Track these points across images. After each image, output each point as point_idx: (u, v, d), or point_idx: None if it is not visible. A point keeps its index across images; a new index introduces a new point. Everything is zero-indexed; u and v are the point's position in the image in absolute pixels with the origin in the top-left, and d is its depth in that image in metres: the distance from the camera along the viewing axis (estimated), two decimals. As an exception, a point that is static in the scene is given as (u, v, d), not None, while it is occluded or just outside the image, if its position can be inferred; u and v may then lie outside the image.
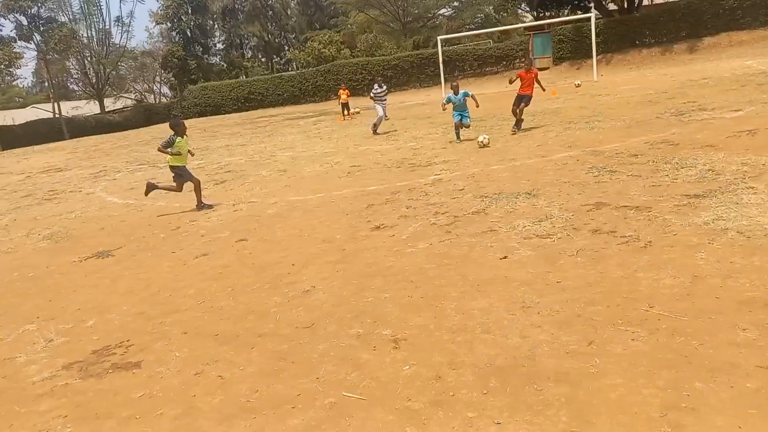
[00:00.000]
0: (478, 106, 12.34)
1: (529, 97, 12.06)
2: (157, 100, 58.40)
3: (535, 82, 12.07)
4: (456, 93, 11.88)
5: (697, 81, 17.22)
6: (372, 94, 16.57)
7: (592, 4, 33.05)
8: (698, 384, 2.79)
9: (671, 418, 2.57)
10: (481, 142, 10.72)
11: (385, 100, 16.38)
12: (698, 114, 10.93)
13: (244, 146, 17.80)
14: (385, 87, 16.87)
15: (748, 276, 3.83)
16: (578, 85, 22.34)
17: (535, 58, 32.85)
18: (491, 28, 44.40)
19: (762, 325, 3.21)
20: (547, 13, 35.49)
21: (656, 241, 4.69)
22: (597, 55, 26.61)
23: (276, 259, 5.71)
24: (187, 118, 39.63)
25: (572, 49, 30.79)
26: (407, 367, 3.33)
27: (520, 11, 51.26)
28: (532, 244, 5.05)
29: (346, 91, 23.89)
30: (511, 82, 12.47)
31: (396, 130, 15.93)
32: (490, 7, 50.76)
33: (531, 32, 35.12)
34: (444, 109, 12.74)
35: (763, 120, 9.27)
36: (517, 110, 11.97)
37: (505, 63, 34.84)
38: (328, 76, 37.64)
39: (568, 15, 34.91)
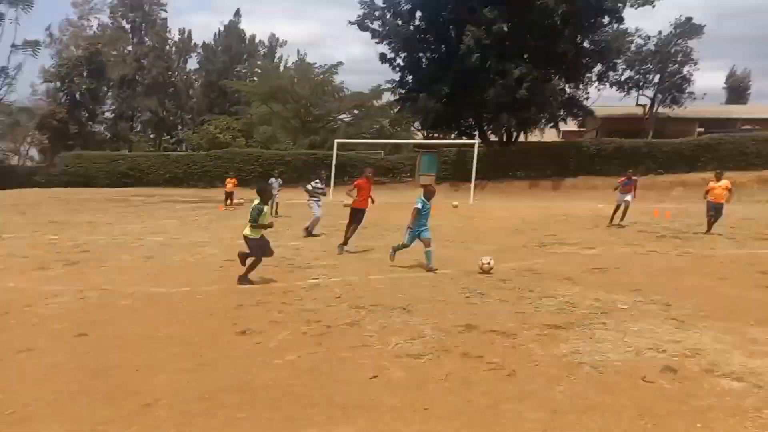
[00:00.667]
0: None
1: (364, 212, 11.42)
2: (21, 162, 53.67)
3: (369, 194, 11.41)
4: (429, 198, 9.86)
5: (559, 216, 19.11)
6: (310, 188, 14.46)
7: (476, 132, 36.38)
8: None
9: None
10: (487, 264, 9.00)
11: (320, 198, 14.50)
12: (559, 247, 11.98)
13: (110, 225, 16.48)
14: (323, 185, 15.35)
15: (600, 414, 3.99)
16: (455, 206, 23.83)
17: (420, 175, 35.04)
18: (385, 139, 47.20)
19: (611, 468, 3.29)
20: (436, 135, 38.52)
21: (520, 371, 4.82)
22: (475, 180, 28.85)
23: (118, 362, 5.06)
24: (51, 187, 36.72)
25: (454, 171, 33.20)
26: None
27: (412, 128, 55.18)
28: (403, 364, 4.97)
29: (234, 180, 23.56)
30: (348, 193, 11.51)
31: (279, 229, 15.71)
32: (386, 120, 54.16)
33: (421, 150, 37.67)
34: (412, 219, 9.67)
35: (612, 260, 10.32)
36: (349, 229, 11.29)
37: (392, 174, 36.62)
38: (218, 162, 37.09)
39: (454, 139, 38.06)
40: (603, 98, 48.77)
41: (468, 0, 29.72)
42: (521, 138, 36.16)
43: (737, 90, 63.86)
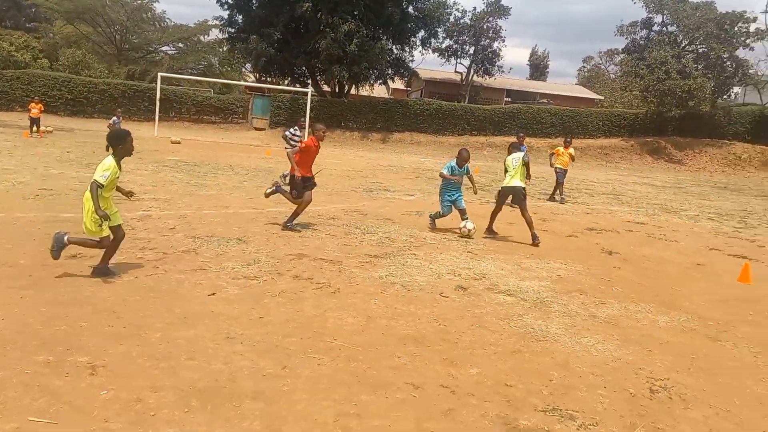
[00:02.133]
0: (475, 193, 10.02)
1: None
2: None
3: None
4: (461, 165, 8.94)
5: (386, 167, 20.52)
6: (288, 134, 13.83)
7: (309, 81, 36.47)
8: (363, 396, 3.50)
9: (342, 422, 3.19)
10: (468, 230, 8.60)
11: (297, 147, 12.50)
12: (383, 193, 13.12)
13: None
14: (301, 132, 14.28)
15: (405, 319, 4.91)
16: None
17: (253, 118, 34.37)
18: (214, 78, 44.92)
19: (411, 354, 4.19)
20: (269, 79, 37.69)
21: (343, 288, 5.58)
22: (308, 127, 29.23)
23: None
24: None
25: (288, 117, 33.12)
26: (105, 392, 3.28)
27: (244, 70, 53.16)
28: (240, 284, 5.43)
29: (39, 105, 20.94)
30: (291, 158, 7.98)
31: (99, 161, 14.66)
32: (216, 58, 51.43)
33: (252, 92, 36.73)
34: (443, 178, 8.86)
35: (427, 205, 11.66)
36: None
37: (223, 115, 35.38)
38: (16, 84, 32.27)
39: (288, 85, 37.72)
40: (426, 62, 51.59)
41: None
42: (353, 91, 37.22)
43: (538, 67, 72.22)
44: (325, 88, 36.84)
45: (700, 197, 18.31)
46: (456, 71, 45.64)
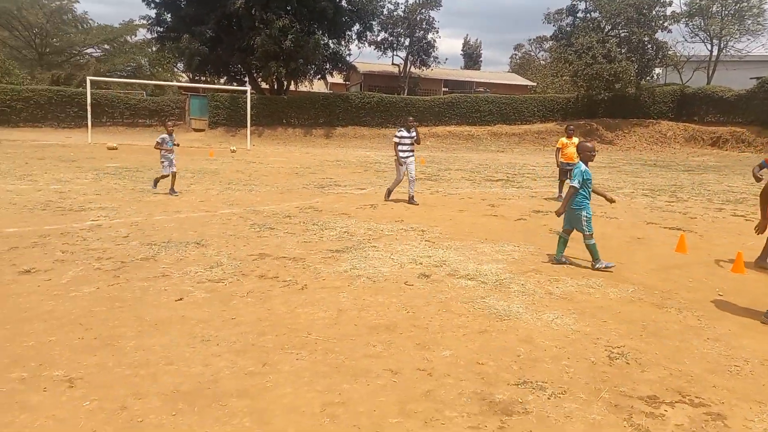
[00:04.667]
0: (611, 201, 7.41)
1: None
2: None
3: None
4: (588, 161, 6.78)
5: (333, 162, 20.53)
6: (396, 139, 11.39)
7: (247, 79, 35.85)
8: (345, 385, 3.62)
9: (328, 411, 3.30)
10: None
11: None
12: (335, 188, 13.18)
13: None
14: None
15: (375, 309, 5.04)
16: (234, 151, 23.73)
17: (191, 119, 33.49)
18: (146, 80, 43.39)
19: (385, 342, 4.33)
20: (204, 78, 36.79)
21: (310, 284, 5.66)
22: (251, 126, 28.82)
23: None
24: None
25: (228, 117, 32.56)
26: (87, 403, 3.26)
27: (176, 70, 51.58)
28: (206, 288, 5.42)
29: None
30: None
31: (34, 172, 14.02)
32: (145, 59, 49.71)
33: (188, 93, 35.74)
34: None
35: (380, 197, 11.84)
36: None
37: (159, 117, 34.28)
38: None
39: (224, 84, 36.93)
40: (364, 56, 51.78)
41: None
42: (292, 87, 36.90)
43: (471, 56, 73.72)
44: (264, 85, 36.34)
45: (633, 175, 19.32)
46: (393, 63, 45.97)
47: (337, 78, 43.34)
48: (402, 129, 11.41)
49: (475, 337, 4.49)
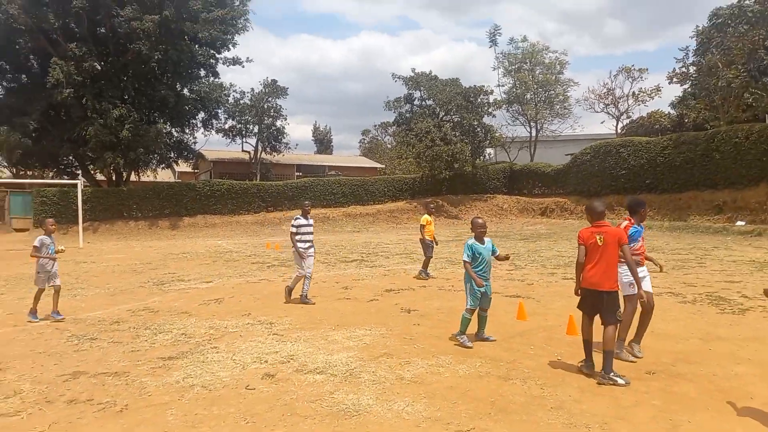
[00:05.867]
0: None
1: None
2: None
3: None
4: (481, 240, 6.83)
5: (178, 255, 19.21)
6: (293, 229, 9.86)
7: (79, 172, 33.14)
8: None
9: None
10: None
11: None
12: (177, 284, 12.16)
13: None
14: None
15: (208, 425, 4.43)
16: (62, 251, 21.28)
17: (12, 218, 29.87)
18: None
19: (217, 465, 3.75)
20: (29, 172, 33.44)
21: (132, 404, 4.88)
22: (83, 222, 26.29)
23: None
24: None
25: (57, 213, 29.47)
26: None
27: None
28: (-7, 426, 4.41)
29: None
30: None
31: None
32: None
33: (8, 189, 32.09)
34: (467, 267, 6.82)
35: (227, 290, 11.11)
36: None
37: (-29, 218, 30.11)
38: None
39: (53, 177, 33.76)
40: (213, 143, 51.22)
41: (47, 31, 27.40)
42: (133, 177, 34.82)
43: (323, 141, 76.46)
44: (100, 177, 33.85)
45: (477, 247, 20.53)
46: (243, 150, 45.70)
47: (184, 166, 41.83)
48: (299, 217, 9.84)
49: (321, 443, 4.07)
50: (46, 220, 9.40)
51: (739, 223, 22.93)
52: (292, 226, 9.84)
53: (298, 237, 9.71)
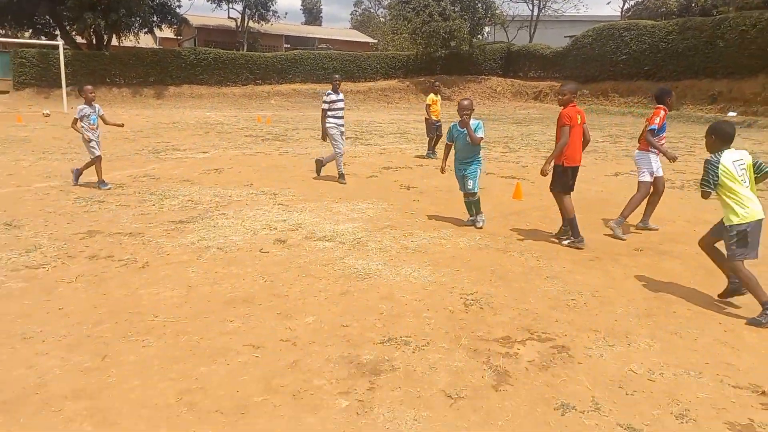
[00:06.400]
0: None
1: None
2: None
3: None
4: (463, 123, 6.82)
5: (168, 124, 18.94)
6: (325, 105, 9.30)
7: (58, 32, 31.41)
8: (203, 368, 3.32)
9: (185, 400, 2.99)
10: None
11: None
12: (173, 153, 12.15)
13: None
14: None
15: (229, 282, 4.72)
16: (47, 115, 20.86)
17: (-11, 79, 28.72)
18: None
19: (243, 316, 4.06)
20: (2, 32, 31.48)
21: (152, 262, 5.13)
22: (66, 87, 25.40)
23: None
24: None
25: (37, 76, 28.40)
26: None
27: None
28: (23, 276, 4.65)
29: None
30: None
31: None
32: None
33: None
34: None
35: (225, 161, 11.16)
36: None
37: (-55, 78, 28.91)
38: None
39: (30, 37, 31.99)
40: (197, 8, 48.27)
41: None
42: (114, 42, 33.13)
43: (312, 12, 72.36)
44: (80, 40, 32.16)
45: (470, 129, 20.49)
46: (229, 17, 43.27)
47: (167, 32, 39.72)
48: (330, 92, 9.25)
49: (337, 300, 4.40)
50: (84, 87, 8.51)
51: (730, 113, 22.97)
52: (324, 102, 9.25)
53: (331, 113, 9.20)
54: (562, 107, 5.88)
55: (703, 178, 4.33)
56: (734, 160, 4.23)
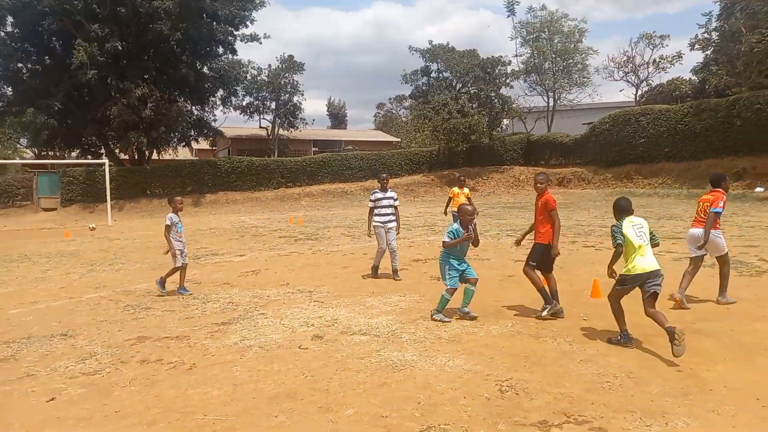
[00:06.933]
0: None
1: None
2: None
3: None
4: (465, 227, 6.75)
5: (206, 230, 19.82)
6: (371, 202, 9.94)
7: (103, 151, 33.82)
8: (252, 463, 3.49)
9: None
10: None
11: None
12: (212, 258, 12.73)
13: None
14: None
15: (272, 378, 4.93)
16: (93, 228, 22.07)
17: (40, 198, 30.71)
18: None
19: (287, 411, 4.24)
20: (53, 153, 34.18)
21: (199, 362, 5.40)
22: (111, 201, 27.01)
23: None
24: None
25: (83, 192, 30.32)
26: None
27: (19, 146, 47.40)
28: (81, 382, 4.95)
29: None
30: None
31: None
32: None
33: (35, 170, 32.91)
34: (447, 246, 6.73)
35: (261, 263, 11.63)
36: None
37: (4, 198, 31.01)
38: None
39: (77, 157, 34.51)
40: (230, 120, 51.52)
41: (70, 12, 27.66)
42: (155, 156, 35.47)
43: (337, 116, 76.39)
44: (122, 156, 34.53)
45: (496, 218, 20.88)
46: (261, 126, 46.09)
47: (202, 144, 42.39)
48: (376, 191, 9.71)
49: (375, 391, 4.55)
50: (174, 198, 9.18)
51: (758, 189, 22.95)
52: (370, 200, 9.79)
53: (376, 211, 9.60)
54: (541, 194, 6.79)
55: (612, 237, 5.62)
56: (633, 224, 5.56)
